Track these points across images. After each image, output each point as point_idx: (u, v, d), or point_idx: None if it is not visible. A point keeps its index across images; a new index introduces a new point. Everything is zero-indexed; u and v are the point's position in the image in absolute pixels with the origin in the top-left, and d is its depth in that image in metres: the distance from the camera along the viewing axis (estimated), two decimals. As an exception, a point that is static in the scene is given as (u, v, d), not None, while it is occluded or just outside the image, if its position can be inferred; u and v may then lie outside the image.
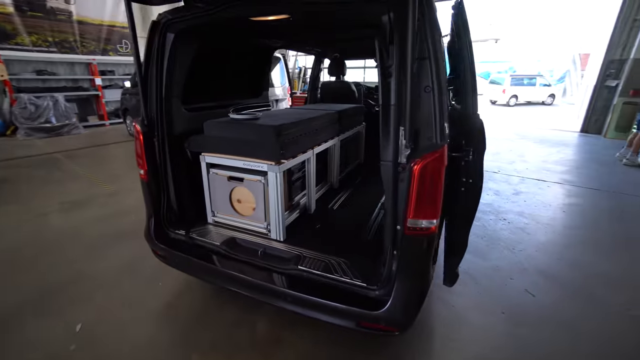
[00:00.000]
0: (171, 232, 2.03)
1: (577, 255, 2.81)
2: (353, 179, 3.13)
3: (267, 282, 1.66)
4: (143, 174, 1.96)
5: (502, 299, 2.24)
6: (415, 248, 1.34)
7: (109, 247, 2.91)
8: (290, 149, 1.86)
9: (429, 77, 1.22)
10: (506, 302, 2.21)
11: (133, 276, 2.51)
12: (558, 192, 4.39)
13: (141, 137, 1.89)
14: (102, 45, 9.35)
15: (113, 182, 4.64)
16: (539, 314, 2.11)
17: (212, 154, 1.98)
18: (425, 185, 1.23)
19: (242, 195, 1.98)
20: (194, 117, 2.21)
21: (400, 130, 1.26)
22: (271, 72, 3.36)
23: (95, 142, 7.29)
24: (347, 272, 1.61)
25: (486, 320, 2.05)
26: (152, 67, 1.83)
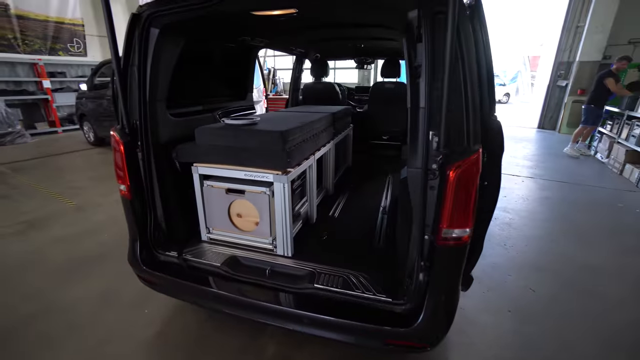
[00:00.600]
0: (160, 255, 1.80)
1: (561, 247, 2.95)
2: (346, 184, 3.04)
3: (279, 305, 1.50)
4: (125, 191, 1.71)
5: (506, 297, 2.27)
6: (449, 259, 1.27)
7: (79, 273, 2.56)
8: (296, 156, 1.72)
9: (460, 77, 1.15)
10: (510, 300, 2.24)
11: (112, 305, 2.21)
12: (532, 186, 4.64)
13: (122, 147, 1.64)
14: (50, 44, 8.42)
15: (75, 195, 4.15)
16: (542, 309, 2.16)
17: (206, 165, 1.78)
18: (461, 192, 1.16)
19: (243, 208, 1.80)
20: (180, 123, 1.98)
21: (430, 134, 1.18)
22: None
23: (48, 152, 6.53)
24: (369, 287, 1.50)
25: (496, 321, 2.05)
26: (133, 68, 1.59)
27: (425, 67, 1.14)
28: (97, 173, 5.14)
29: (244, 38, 2.53)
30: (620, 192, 4.47)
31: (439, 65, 1.13)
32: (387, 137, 4.12)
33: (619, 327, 2.02)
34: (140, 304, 2.21)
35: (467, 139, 1.19)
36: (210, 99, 2.57)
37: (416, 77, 1.22)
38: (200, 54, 2.58)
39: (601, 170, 5.51)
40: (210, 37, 2.32)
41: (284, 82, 13.27)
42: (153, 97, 1.68)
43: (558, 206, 3.95)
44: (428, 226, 1.30)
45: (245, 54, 2.91)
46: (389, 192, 2.80)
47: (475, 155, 1.14)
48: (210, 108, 2.41)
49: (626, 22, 7.95)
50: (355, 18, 2.05)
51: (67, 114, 8.79)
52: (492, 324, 2.03)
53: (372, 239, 2.01)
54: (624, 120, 5.46)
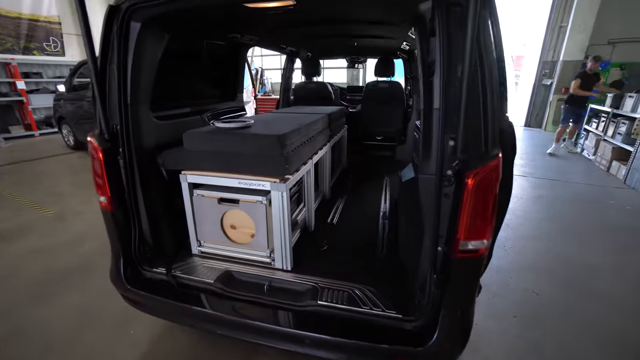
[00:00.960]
0: (147, 272, 1.64)
1: (559, 247, 2.93)
2: (342, 187, 2.93)
3: (279, 324, 1.38)
4: (105, 203, 1.55)
5: (510, 301, 2.21)
6: (465, 272, 1.18)
7: (57, 288, 2.35)
8: (294, 161, 1.60)
9: (478, 74, 1.06)
10: (514, 304, 2.18)
11: (93, 324, 2.03)
12: (524, 185, 4.65)
13: (101, 155, 1.48)
14: (23, 43, 7.98)
15: (53, 204, 3.89)
16: (546, 313, 2.11)
17: (196, 172, 1.64)
18: (480, 201, 1.07)
19: (238, 219, 1.66)
20: (166, 126, 1.83)
21: (445, 137, 1.09)
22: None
23: (23, 157, 6.16)
24: (377, 303, 1.39)
25: (502, 327, 1.99)
26: (112, 66, 1.43)
27: (440, 64, 1.04)
28: (78, 179, 4.87)
29: (233, 35, 2.38)
30: (610, 189, 4.54)
31: (456, 62, 1.04)
32: (381, 137, 4.04)
33: (621, 330, 1.98)
34: (125, 322, 2.04)
35: (485, 142, 1.10)
36: (198, 100, 2.41)
37: (429, 75, 1.12)
38: (186, 51, 2.42)
39: (588, 168, 5.60)
40: (197, 33, 2.17)
41: (272, 82, 13.08)
42: (135, 98, 1.52)
43: (552, 205, 3.96)
44: (441, 237, 1.20)
45: (235, 52, 2.76)
46: (387, 196, 2.70)
47: (495, 160, 1.05)
48: (199, 110, 2.25)
49: (607, 22, 8.16)
50: (356, 13, 1.94)
51: (44, 116, 8.36)
52: (499, 330, 1.96)
53: (374, 247, 1.90)
54: (610, 118, 5.57)
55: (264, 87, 12.82)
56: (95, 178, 1.54)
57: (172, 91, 2.21)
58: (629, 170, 4.67)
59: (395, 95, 3.82)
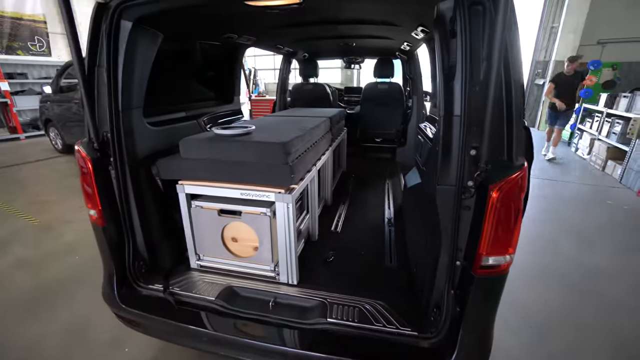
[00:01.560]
0: (143, 289, 1.53)
1: (562, 248, 2.90)
2: (343, 191, 2.85)
3: (286, 345, 1.29)
4: (96, 216, 1.44)
5: (522, 309, 2.15)
6: (487, 290, 1.10)
7: (44, 303, 2.22)
8: (299, 169, 1.51)
9: (502, 78, 0.98)
10: (527, 313, 2.12)
11: (84, 342, 1.91)
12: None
13: (90, 165, 1.37)
14: (6, 42, 7.70)
15: (40, 212, 3.72)
16: (558, 320, 2.07)
17: (194, 182, 1.53)
18: (505, 215, 1.00)
19: (240, 232, 1.57)
20: (161, 133, 1.72)
21: (467, 146, 1.01)
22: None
23: (8, 162, 5.92)
24: (390, 319, 1.31)
25: (520, 340, 1.93)
26: (102, 69, 1.32)
27: (462, 67, 0.96)
28: (66, 184, 4.68)
29: (229, 35, 2.28)
30: (606, 188, 4.56)
31: (478, 64, 0.96)
32: (381, 139, 3.97)
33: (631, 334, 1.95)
34: (118, 340, 1.92)
35: (509, 151, 1.03)
36: (194, 104, 2.30)
37: (449, 79, 1.05)
38: (181, 52, 2.31)
39: (584, 168, 5.64)
40: (193, 33, 2.05)
41: (266, 82, 12.94)
42: (127, 104, 1.41)
43: (551, 205, 3.95)
44: (460, 250, 1.13)
45: (231, 53, 2.65)
46: (390, 201, 2.63)
47: (521, 172, 0.98)
48: (194, 114, 2.14)
49: (597, 23, 8.27)
50: (362, 13, 1.86)
51: (30, 119, 8.09)
52: (516, 343, 1.90)
53: (382, 256, 1.83)
54: (604, 118, 5.61)
55: (257, 88, 12.69)
56: (84, 190, 1.42)
57: (167, 95, 2.10)
58: (625, 169, 4.70)
59: (394, 96, 3.76)
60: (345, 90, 5.72)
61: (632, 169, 4.55)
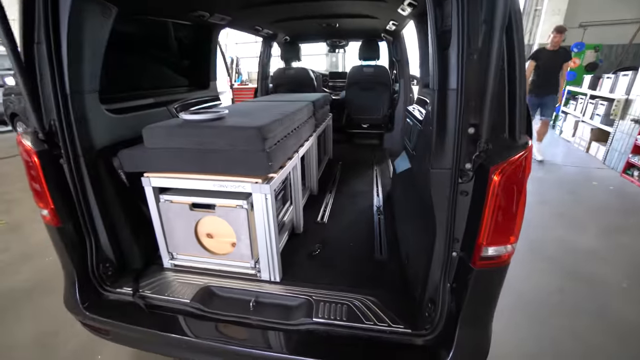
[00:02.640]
0: (110, 292, 1.38)
1: (553, 231, 2.89)
2: (329, 180, 2.73)
3: (270, 349, 1.18)
4: (48, 216, 1.27)
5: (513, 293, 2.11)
6: (487, 283, 1.01)
7: (11, 311, 2.04)
8: (278, 157, 1.37)
9: (504, 45, 0.86)
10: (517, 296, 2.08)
11: (52, 353, 1.76)
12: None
13: (36, 159, 1.19)
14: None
15: (6, 212, 3.46)
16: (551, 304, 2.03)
17: (161, 174, 1.37)
18: (508, 200, 0.89)
19: (215, 227, 1.42)
20: (124, 121, 1.54)
21: (465, 124, 0.90)
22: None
23: (-29, 159, 5.53)
24: (381, 316, 1.22)
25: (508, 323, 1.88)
26: (42, 47, 1.13)
27: (458, 32, 0.83)
28: (35, 182, 4.38)
29: (200, 14, 2.07)
30: (591, 170, 4.60)
31: (477, 28, 0.84)
32: (367, 125, 3.84)
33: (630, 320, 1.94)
34: (90, 348, 1.77)
35: (511, 128, 0.91)
36: (164, 90, 2.10)
37: (443, 46, 0.92)
38: (148, 33, 2.09)
39: (568, 149, 5.69)
40: (155, 8, 1.84)
41: (249, 71, 12.56)
42: (77, 87, 1.23)
43: (537, 187, 3.94)
44: (457, 240, 1.03)
45: (205, 35, 2.44)
46: (379, 188, 2.53)
47: (525, 151, 0.87)
48: (165, 101, 1.95)
49: (578, 5, 8.29)
50: None
51: (-6, 113, 7.55)
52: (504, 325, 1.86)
53: (371, 247, 1.72)
54: (588, 100, 5.64)
55: (240, 77, 12.30)
56: (32, 188, 1.25)
57: (132, 80, 1.89)
58: (608, 150, 4.74)
59: (381, 80, 3.61)
60: (330, 76, 5.53)
61: (615, 149, 4.59)
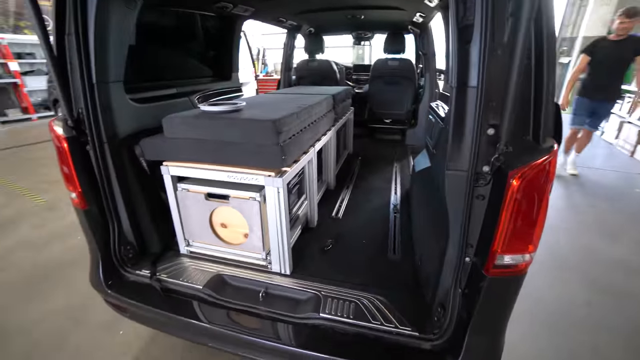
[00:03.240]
0: (130, 274, 1.46)
1: (584, 240, 2.70)
2: (347, 175, 2.70)
3: (276, 339, 1.20)
4: (76, 199, 1.35)
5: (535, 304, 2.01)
6: (500, 292, 0.96)
7: (45, 284, 2.22)
8: (292, 151, 1.36)
9: (532, 40, 0.80)
10: (539, 307, 1.98)
11: (81, 324, 1.90)
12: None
13: (65, 145, 1.27)
14: (13, 21, 7.63)
15: (46, 192, 3.74)
16: (576, 318, 1.92)
17: (179, 164, 1.42)
18: (527, 207, 0.84)
19: (229, 217, 1.46)
20: (147, 110, 1.60)
21: (484, 124, 0.85)
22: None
23: (19, 141, 6.00)
24: (388, 317, 1.20)
25: (528, 335, 1.80)
26: (71, 38, 1.19)
27: (481, 26, 0.78)
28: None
29: (224, 5, 2.09)
30: (634, 176, 4.23)
31: (502, 23, 0.78)
32: (390, 120, 3.75)
33: None
34: (114, 322, 1.90)
35: (535, 130, 0.85)
36: (187, 81, 2.16)
37: (465, 41, 0.86)
38: (172, 25, 2.14)
39: (610, 152, 5.27)
40: (178, 0, 1.88)
41: (275, 62, 12.60)
42: (103, 76, 1.29)
43: (569, 191, 3.70)
44: (470, 246, 0.98)
45: (228, 26, 2.47)
46: (397, 185, 2.47)
47: (549, 155, 0.81)
48: (187, 91, 2.01)
49: (634, -7, 7.53)
50: None
51: (41, 99, 8.13)
52: (523, 337, 1.78)
53: (385, 246, 1.69)
54: (636, 99, 5.16)
55: (266, 67, 12.38)
56: (62, 171, 1.33)
57: (155, 70, 1.96)
58: (657, 155, 4.34)
59: (405, 74, 3.50)
60: (354, 68, 5.43)
61: (665, 154, 4.19)
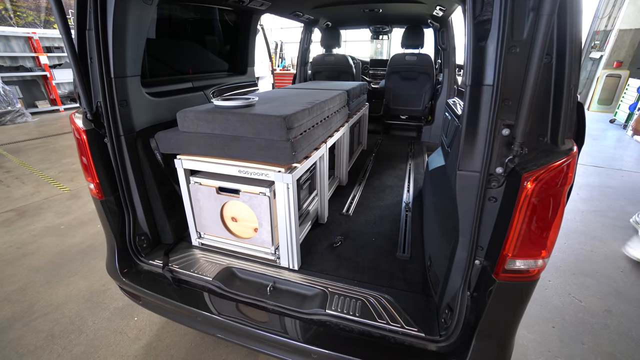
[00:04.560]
0: (144, 263, 1.51)
1: (607, 245, 2.57)
2: (360, 171, 2.68)
3: (282, 333, 1.21)
4: (94, 189, 1.40)
5: (550, 308, 1.94)
6: (510, 297, 0.93)
7: (67, 269, 2.34)
8: (303, 147, 1.36)
9: (552, 35, 0.76)
10: (555, 312, 1.91)
11: (99, 309, 1.99)
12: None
13: (84, 137, 1.31)
14: (44, 16, 7.97)
15: (71, 180, 3.92)
16: (591, 326, 1.84)
17: (192, 157, 1.45)
18: (541, 211, 0.80)
19: (239, 211, 1.48)
20: (163, 104, 1.63)
21: (499, 124, 0.81)
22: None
23: (47, 132, 6.30)
24: (395, 317, 1.19)
25: (539, 338, 1.74)
26: (91, 32, 1.23)
27: (499, 22, 0.74)
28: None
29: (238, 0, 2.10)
30: (667, 179, 3.99)
31: (521, 18, 0.74)
32: (406, 116, 3.68)
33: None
34: (129, 309, 1.98)
35: (553, 131, 0.81)
36: (202, 75, 2.19)
37: (480, 38, 0.83)
38: (188, 18, 2.17)
39: (641, 153, 4.97)
40: None
41: (292, 56, 12.59)
42: (120, 71, 1.32)
43: (594, 194, 3.52)
44: (481, 248, 0.96)
45: (244, 19, 2.47)
46: (410, 183, 2.43)
47: (567, 158, 0.77)
48: (202, 85, 2.03)
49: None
50: None
51: (68, 91, 8.49)
52: (535, 341, 1.72)
53: (394, 244, 1.67)
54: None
55: (283, 61, 12.40)
56: (81, 162, 1.38)
57: (171, 64, 1.99)
58: (693, 157, 4.06)
59: (423, 69, 3.41)
60: (370, 63, 5.35)
61: (703, 157, 3.91)
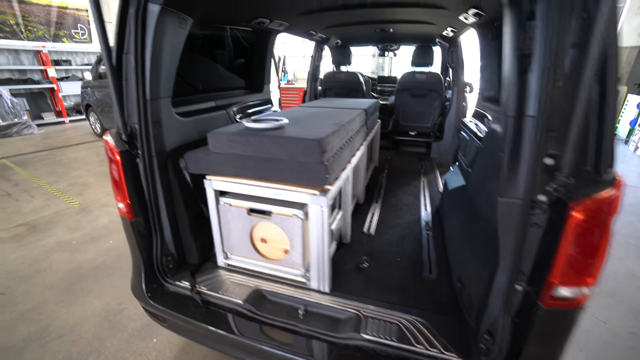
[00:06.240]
0: (170, 284, 1.50)
1: (625, 264, 2.58)
2: (375, 188, 2.70)
3: (316, 359, 1.20)
4: (125, 210, 1.41)
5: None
6: (557, 324, 0.93)
7: (83, 286, 2.31)
8: (335, 168, 1.38)
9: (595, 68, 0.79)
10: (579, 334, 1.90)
11: (116, 329, 1.96)
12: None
13: (118, 158, 1.33)
14: (53, 31, 8.11)
15: (80, 194, 3.91)
16: (616, 348, 1.82)
17: (222, 178, 1.46)
18: (589, 240, 0.82)
19: (270, 232, 1.48)
20: (190, 124, 1.65)
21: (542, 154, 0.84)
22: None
23: (54, 144, 6.32)
24: (432, 341, 1.18)
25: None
26: (130, 56, 1.26)
27: (542, 58, 0.78)
28: (103, 168, 4.90)
29: (261, 20, 2.16)
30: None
31: (565, 52, 0.77)
32: (415, 133, 3.73)
33: None
34: (147, 330, 1.95)
35: (596, 161, 0.83)
36: (224, 93, 2.23)
37: (522, 70, 0.86)
38: (210, 39, 2.23)
39: (645, 169, 5.03)
40: (223, 17, 1.95)
41: (294, 70, 12.80)
42: (155, 93, 1.35)
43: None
44: (522, 273, 0.96)
45: (262, 40, 2.54)
46: (427, 201, 2.45)
47: (614, 188, 0.79)
48: (224, 104, 2.07)
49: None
50: None
51: (73, 103, 8.57)
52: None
53: (419, 264, 1.68)
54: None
55: (286, 75, 12.58)
56: (113, 182, 1.39)
57: (197, 84, 2.03)
58: (698, 173, 4.11)
59: (433, 87, 3.49)
60: (378, 80, 5.45)
61: None
